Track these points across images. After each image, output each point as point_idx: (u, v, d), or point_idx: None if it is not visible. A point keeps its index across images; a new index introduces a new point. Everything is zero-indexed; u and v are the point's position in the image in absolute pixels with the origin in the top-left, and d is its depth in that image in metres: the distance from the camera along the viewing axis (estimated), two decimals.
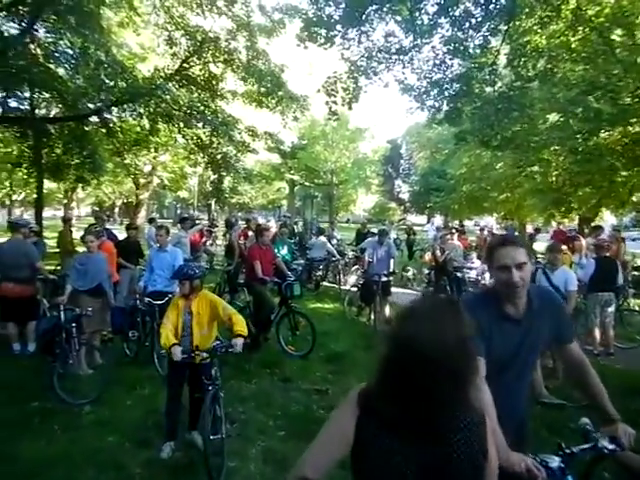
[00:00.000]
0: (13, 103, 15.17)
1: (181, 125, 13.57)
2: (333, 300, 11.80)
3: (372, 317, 9.44)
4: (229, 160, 13.10)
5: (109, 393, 5.72)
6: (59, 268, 10.55)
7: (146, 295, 6.95)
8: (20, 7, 12.26)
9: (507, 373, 2.29)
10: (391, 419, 1.44)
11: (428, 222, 50.77)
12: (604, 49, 10.53)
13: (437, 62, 11.58)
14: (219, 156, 13.35)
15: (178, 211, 63.86)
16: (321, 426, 1.60)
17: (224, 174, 13.29)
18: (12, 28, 12.87)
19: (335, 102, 11.70)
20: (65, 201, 48.53)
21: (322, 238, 13.56)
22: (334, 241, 14.47)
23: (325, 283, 13.74)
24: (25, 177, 34.60)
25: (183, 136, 14.10)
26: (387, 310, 9.80)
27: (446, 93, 11.72)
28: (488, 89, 11.65)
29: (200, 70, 14.48)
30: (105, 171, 17.15)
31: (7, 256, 7.14)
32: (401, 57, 11.52)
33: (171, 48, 15.13)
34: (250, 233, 13.70)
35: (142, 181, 28.42)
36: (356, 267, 13.32)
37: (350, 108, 11.85)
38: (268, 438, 4.85)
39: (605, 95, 11.11)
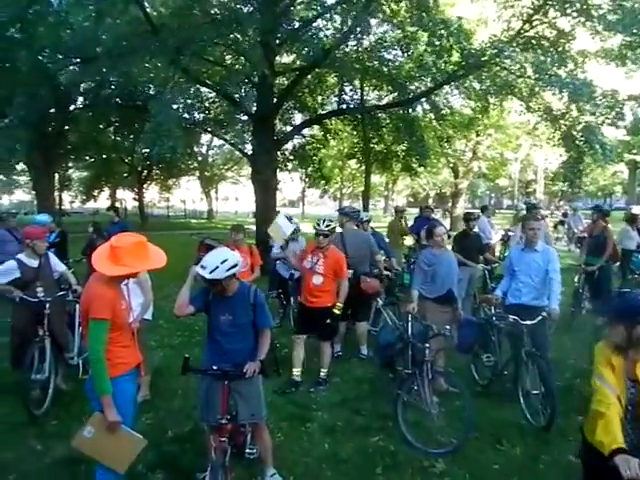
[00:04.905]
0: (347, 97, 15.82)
1: (525, 96, 11.37)
2: None
3: None
4: (591, 132, 10.23)
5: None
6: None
7: (506, 308, 5.20)
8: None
9: None
10: None
11: None
12: None
13: None
14: (579, 127, 10.61)
15: (492, 201, 61.19)
16: None
17: (586, 150, 10.46)
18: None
19: None
20: (385, 193, 51.97)
21: None
22: None
23: None
24: (353, 171, 38.16)
25: (527, 108, 11.86)
26: None
27: None
28: None
29: (546, 28, 11.94)
30: (430, 158, 16.28)
31: (350, 246, 6.42)
32: None
33: (507, 10, 13.08)
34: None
35: (462, 169, 27.26)
36: None
37: None
38: None
39: None
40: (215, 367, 3.25)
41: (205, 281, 3.28)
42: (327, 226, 5.51)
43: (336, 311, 5.51)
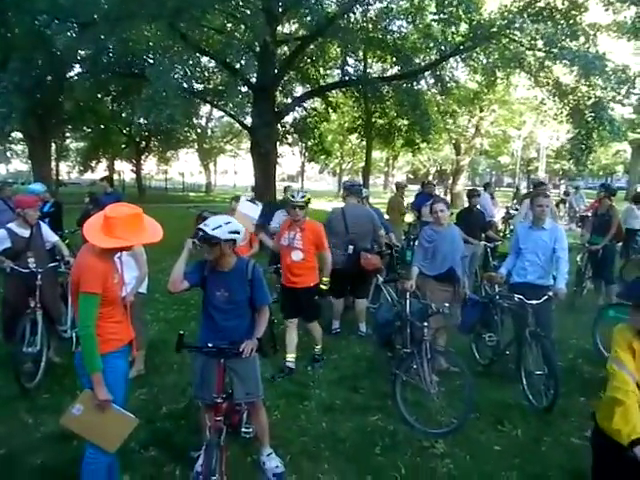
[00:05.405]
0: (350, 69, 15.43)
1: (533, 69, 11.05)
2: None
3: None
4: (602, 108, 9.93)
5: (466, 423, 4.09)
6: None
7: (510, 287, 5.06)
8: None
9: None
10: None
11: None
12: None
13: None
14: (589, 102, 10.30)
15: (492, 179, 60.73)
16: None
17: (595, 126, 10.16)
18: None
19: None
20: (385, 169, 51.55)
21: None
22: None
23: None
24: (353, 147, 37.76)
25: (536, 82, 11.55)
26: None
27: None
28: None
29: None
30: (433, 133, 15.97)
31: (352, 222, 6.25)
32: None
33: None
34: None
35: (464, 146, 26.93)
36: None
37: None
38: None
39: None
40: (210, 344, 3.12)
41: (204, 240, 3.11)
42: (302, 197, 5.15)
43: (323, 287, 5.31)
